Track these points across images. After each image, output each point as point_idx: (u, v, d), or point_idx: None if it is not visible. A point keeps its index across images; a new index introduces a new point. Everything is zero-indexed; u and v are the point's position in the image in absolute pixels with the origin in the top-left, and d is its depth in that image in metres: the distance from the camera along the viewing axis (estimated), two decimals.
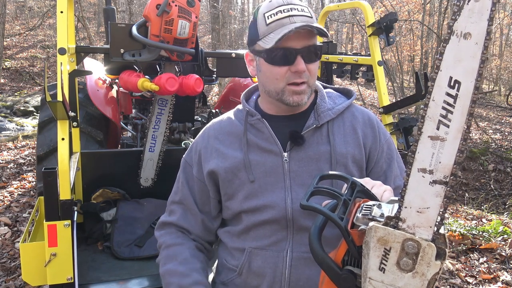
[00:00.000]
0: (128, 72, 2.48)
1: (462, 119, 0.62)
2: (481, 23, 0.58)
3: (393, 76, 13.33)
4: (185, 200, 1.31)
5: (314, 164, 1.18)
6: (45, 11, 18.68)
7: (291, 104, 1.17)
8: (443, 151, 0.64)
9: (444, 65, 0.62)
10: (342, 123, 1.24)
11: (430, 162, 0.66)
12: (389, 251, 0.71)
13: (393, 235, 0.70)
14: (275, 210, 1.16)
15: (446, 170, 0.64)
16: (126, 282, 2.15)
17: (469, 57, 0.59)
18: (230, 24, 18.33)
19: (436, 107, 0.64)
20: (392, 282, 0.72)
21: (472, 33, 0.58)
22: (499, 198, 7.67)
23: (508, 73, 21.73)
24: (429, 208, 0.67)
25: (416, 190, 0.68)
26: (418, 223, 0.68)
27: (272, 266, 1.17)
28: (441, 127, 0.64)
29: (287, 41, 1.11)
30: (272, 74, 1.16)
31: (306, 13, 1.14)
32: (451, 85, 0.62)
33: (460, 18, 0.59)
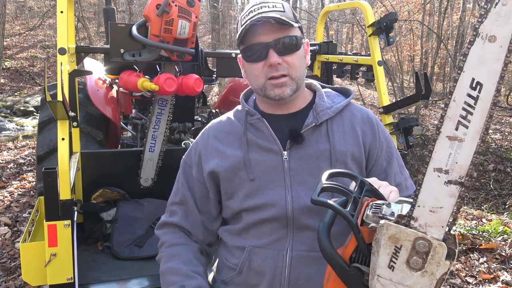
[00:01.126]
0: (128, 72, 2.48)
1: (481, 121, 0.62)
2: (507, 27, 0.58)
3: (393, 76, 13.33)
4: (185, 201, 1.31)
5: (314, 162, 1.18)
6: (45, 11, 18.70)
7: (274, 98, 1.18)
8: (461, 152, 0.65)
9: (468, 66, 0.63)
10: (341, 122, 1.24)
11: (446, 162, 0.66)
12: (399, 249, 0.71)
13: (405, 233, 0.70)
14: (275, 208, 1.17)
15: (462, 171, 0.65)
16: (126, 282, 2.15)
17: (493, 59, 0.60)
18: (230, 24, 18.32)
19: (457, 107, 0.64)
20: (400, 280, 0.72)
21: (497, 36, 0.59)
22: (499, 198, 7.67)
23: (508, 73, 21.72)
24: (442, 208, 0.67)
25: (430, 189, 0.68)
26: (430, 222, 0.69)
27: (272, 265, 1.17)
28: (460, 128, 0.64)
29: (258, 37, 1.14)
30: (252, 72, 1.19)
31: (278, 8, 1.15)
32: (473, 87, 0.62)
33: (486, 21, 0.60)
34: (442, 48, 15.24)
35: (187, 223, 1.31)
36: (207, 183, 1.27)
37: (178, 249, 1.27)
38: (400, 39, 14.32)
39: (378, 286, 0.75)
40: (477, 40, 0.61)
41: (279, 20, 1.11)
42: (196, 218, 1.30)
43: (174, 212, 1.33)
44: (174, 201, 1.34)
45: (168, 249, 1.29)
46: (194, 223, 1.31)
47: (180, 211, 1.32)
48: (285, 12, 1.16)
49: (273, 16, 1.11)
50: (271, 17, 1.11)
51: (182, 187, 1.32)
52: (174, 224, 1.32)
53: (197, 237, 1.32)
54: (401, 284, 0.73)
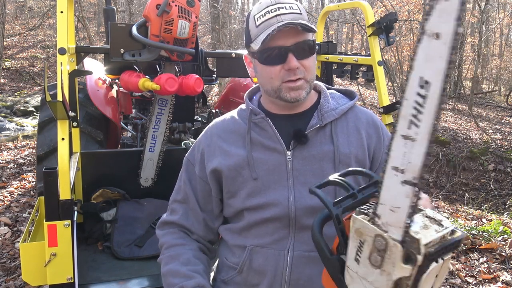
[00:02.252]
0: (129, 73, 2.48)
1: (430, 121, 0.61)
2: (450, 23, 0.57)
3: (393, 76, 13.33)
4: (187, 199, 1.30)
5: (317, 163, 1.18)
6: (45, 11, 18.70)
7: (290, 100, 1.17)
8: (413, 151, 0.63)
9: (416, 64, 0.62)
10: (345, 124, 1.24)
11: (402, 161, 0.65)
12: (363, 244, 0.72)
13: (367, 228, 0.70)
14: (278, 208, 1.17)
15: (415, 171, 0.63)
16: (126, 282, 2.15)
17: (438, 57, 0.59)
18: (230, 24, 18.32)
19: (408, 106, 0.64)
20: (364, 275, 0.73)
21: (441, 33, 0.58)
22: (499, 198, 7.67)
23: (508, 73, 21.73)
24: (399, 208, 0.66)
25: (389, 188, 0.68)
26: (390, 221, 0.68)
27: (273, 264, 1.17)
28: (412, 127, 0.63)
29: (277, 40, 1.12)
30: (267, 74, 1.17)
31: (295, 10, 1.14)
32: (421, 85, 0.61)
33: (431, 18, 0.59)
34: None
35: (187, 221, 1.30)
36: (209, 181, 1.27)
37: (177, 249, 1.27)
38: (400, 39, 14.32)
39: (348, 277, 0.77)
40: (424, 37, 0.60)
41: (306, 26, 1.11)
42: (198, 216, 1.30)
43: (174, 210, 1.33)
44: (175, 199, 1.34)
45: (167, 251, 1.28)
46: (195, 221, 1.30)
47: (181, 209, 1.31)
48: (302, 14, 1.15)
49: (300, 23, 1.10)
50: (299, 24, 1.10)
51: (184, 185, 1.31)
52: (173, 222, 1.32)
53: (198, 234, 1.31)
54: (364, 279, 0.73)
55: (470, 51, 18.27)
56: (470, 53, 18.01)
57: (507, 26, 21.82)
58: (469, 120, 12.18)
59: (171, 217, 1.33)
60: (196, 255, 1.27)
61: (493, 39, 23.24)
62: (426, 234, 0.67)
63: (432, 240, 0.67)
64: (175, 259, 1.24)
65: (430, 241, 0.67)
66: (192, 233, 1.31)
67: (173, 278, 1.20)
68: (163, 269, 1.26)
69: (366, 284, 0.73)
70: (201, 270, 1.23)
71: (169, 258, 1.26)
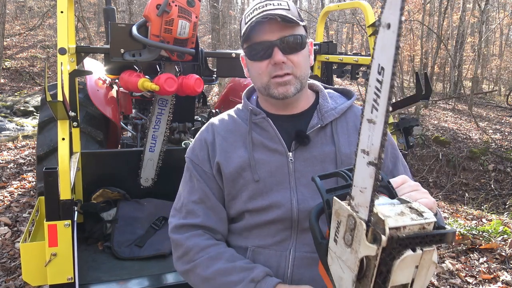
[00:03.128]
0: (129, 72, 2.48)
1: (385, 103, 0.66)
2: (396, 13, 0.63)
3: None
4: (205, 198, 1.23)
5: (319, 164, 1.17)
6: (45, 11, 18.70)
7: (278, 96, 1.16)
8: (374, 134, 0.69)
9: (375, 54, 0.68)
10: (345, 123, 1.23)
11: (367, 143, 0.70)
12: (339, 224, 0.76)
13: (342, 209, 0.76)
14: (281, 210, 1.15)
15: (376, 152, 0.68)
16: (126, 282, 2.15)
17: (389, 45, 0.65)
18: (230, 24, 18.32)
19: (371, 92, 0.69)
20: (340, 254, 0.77)
21: (391, 23, 0.64)
22: (499, 198, 7.67)
23: (508, 73, 21.73)
24: (366, 188, 0.71)
25: (359, 170, 0.73)
26: (360, 202, 0.73)
27: (275, 265, 1.16)
28: (373, 111, 0.69)
29: (262, 35, 1.12)
30: (255, 70, 1.17)
31: (283, 6, 1.13)
32: (379, 72, 0.67)
33: (384, 10, 0.65)
34: (442, 48, 15.24)
35: (210, 220, 1.22)
36: (217, 178, 1.23)
37: (214, 249, 1.17)
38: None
39: (329, 258, 0.81)
40: (380, 29, 0.66)
41: (285, 17, 1.10)
42: (220, 214, 1.24)
43: (192, 212, 1.23)
44: (191, 200, 1.24)
45: (202, 254, 1.17)
46: (218, 220, 1.23)
47: (200, 210, 1.22)
48: (290, 10, 1.14)
49: (279, 13, 1.10)
50: (277, 15, 1.09)
51: (198, 183, 1.24)
52: (196, 225, 1.22)
53: (221, 234, 1.24)
54: (340, 258, 0.77)
55: (470, 51, 18.27)
56: (470, 53, 18.01)
57: (507, 26, 21.82)
58: (469, 120, 12.18)
59: (191, 220, 1.22)
60: (235, 252, 1.19)
61: (493, 39, 23.24)
62: (397, 219, 0.70)
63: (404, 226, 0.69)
64: (218, 258, 1.15)
65: (401, 225, 0.69)
66: (216, 233, 1.23)
67: (230, 276, 1.11)
68: (206, 272, 1.15)
69: (341, 264, 0.77)
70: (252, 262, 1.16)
71: (209, 260, 1.16)
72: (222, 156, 1.22)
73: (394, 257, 0.69)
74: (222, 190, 1.24)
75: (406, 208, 0.75)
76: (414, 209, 0.75)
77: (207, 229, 1.23)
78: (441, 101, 14.94)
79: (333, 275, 0.80)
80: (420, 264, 0.72)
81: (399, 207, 0.74)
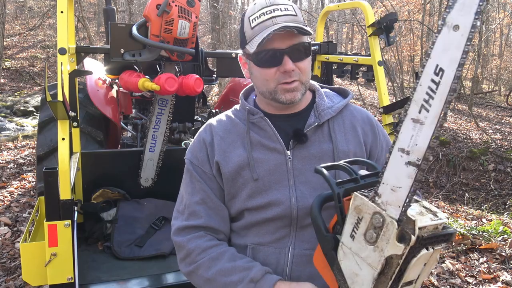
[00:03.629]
0: (129, 72, 2.48)
1: (440, 105, 0.65)
2: (469, 16, 0.62)
3: (393, 76, 13.33)
4: (207, 198, 1.24)
5: (317, 162, 1.17)
6: (45, 11, 18.69)
7: (285, 102, 1.18)
8: (421, 134, 0.68)
9: (434, 53, 0.67)
10: (342, 122, 1.25)
11: (408, 143, 0.69)
12: (360, 220, 0.76)
13: (367, 206, 0.75)
14: (280, 208, 1.16)
15: (420, 153, 0.68)
16: (126, 282, 2.15)
17: (454, 47, 0.64)
18: (230, 24, 18.31)
19: (422, 91, 0.68)
20: (357, 251, 0.76)
21: (460, 25, 0.63)
22: (499, 198, 7.67)
23: (508, 73, 21.73)
24: (401, 187, 0.70)
25: (393, 168, 0.72)
26: (390, 200, 0.72)
27: (274, 263, 1.17)
28: (422, 111, 0.68)
29: (272, 43, 1.12)
30: (262, 76, 1.17)
31: (290, 11, 1.14)
32: (436, 72, 0.66)
33: (452, 11, 0.64)
34: None
35: (213, 220, 1.23)
36: (217, 178, 1.24)
37: (215, 250, 1.18)
38: (400, 39, 14.33)
39: (341, 253, 0.80)
40: (444, 29, 0.65)
41: (301, 29, 1.11)
42: (221, 213, 1.24)
43: (194, 213, 1.23)
44: (193, 201, 1.24)
45: (203, 255, 1.18)
46: (220, 220, 1.24)
47: (203, 211, 1.23)
48: (297, 16, 1.15)
49: (295, 26, 1.10)
50: (294, 27, 1.10)
51: (199, 184, 1.24)
52: (198, 226, 1.22)
53: (224, 233, 1.25)
54: (357, 255, 0.76)
55: (470, 51, 18.26)
56: (470, 53, 18.01)
57: (507, 26, 21.82)
58: (469, 120, 12.18)
59: (193, 221, 1.23)
60: (236, 251, 1.20)
61: (493, 39, 23.24)
62: (421, 219, 0.71)
63: (426, 226, 0.71)
64: (219, 259, 1.16)
65: (424, 225, 0.70)
66: (219, 233, 1.24)
67: (231, 276, 1.12)
68: (208, 273, 1.16)
69: (358, 260, 0.76)
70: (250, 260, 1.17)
71: (210, 261, 1.16)
72: (221, 156, 1.23)
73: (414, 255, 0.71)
74: (222, 190, 1.25)
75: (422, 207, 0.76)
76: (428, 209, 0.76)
77: (210, 229, 1.23)
78: None
79: (345, 271, 0.80)
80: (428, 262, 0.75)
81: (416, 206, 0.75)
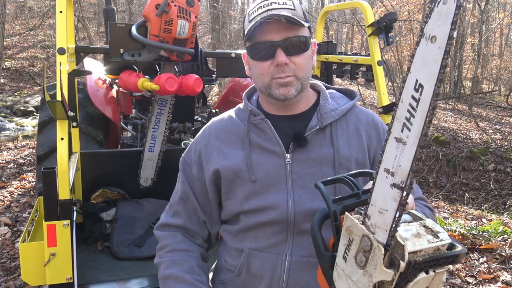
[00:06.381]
0: (128, 72, 2.48)
1: (421, 124, 0.60)
2: (445, 27, 0.56)
3: (393, 76, 13.33)
4: (186, 199, 1.27)
5: (317, 166, 1.15)
6: (45, 11, 18.69)
7: (279, 97, 1.15)
8: (403, 155, 0.63)
9: (413, 67, 0.61)
10: (345, 125, 1.21)
11: (393, 163, 0.64)
12: (351, 242, 0.72)
13: (356, 227, 0.71)
14: (276, 212, 1.14)
15: (403, 175, 0.63)
16: (125, 282, 2.15)
17: (432, 60, 0.58)
18: (230, 24, 18.31)
19: (403, 108, 0.63)
20: (349, 273, 0.73)
21: (437, 37, 0.57)
22: (499, 198, 7.66)
23: (508, 73, 21.72)
24: (387, 210, 0.66)
25: (380, 189, 0.67)
26: (378, 223, 0.68)
27: (271, 269, 1.15)
28: (404, 130, 0.63)
29: (266, 35, 1.10)
30: (257, 70, 1.16)
31: (288, 5, 1.12)
32: (416, 88, 0.61)
33: (430, 21, 0.58)
34: None
35: (191, 222, 1.27)
36: (207, 184, 1.24)
37: (181, 255, 1.23)
38: (400, 39, 14.32)
39: (335, 274, 0.77)
40: (422, 40, 0.59)
41: (290, 19, 1.08)
42: (199, 218, 1.27)
43: (177, 212, 1.29)
44: (175, 200, 1.30)
45: (169, 254, 1.24)
46: (198, 223, 1.28)
47: (183, 212, 1.27)
48: (296, 10, 1.13)
49: (284, 14, 1.08)
50: (282, 15, 1.07)
51: (183, 185, 1.28)
52: (177, 226, 1.27)
53: (201, 237, 1.29)
54: (349, 278, 0.73)
55: (470, 51, 18.26)
56: (470, 53, 18.00)
57: (507, 26, 21.82)
58: (469, 120, 12.18)
59: (174, 220, 1.28)
60: (199, 264, 1.24)
61: (493, 39, 23.23)
62: (415, 242, 0.66)
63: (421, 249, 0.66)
64: (178, 264, 1.21)
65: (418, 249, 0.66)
66: (196, 238, 1.28)
67: (177, 284, 1.18)
68: (164, 272, 1.22)
69: (350, 283, 0.73)
70: (205, 282, 1.21)
71: (171, 262, 1.22)
72: (218, 157, 1.22)
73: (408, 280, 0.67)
74: (208, 195, 1.26)
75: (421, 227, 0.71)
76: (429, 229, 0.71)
77: (188, 231, 1.28)
78: (441, 101, 14.94)
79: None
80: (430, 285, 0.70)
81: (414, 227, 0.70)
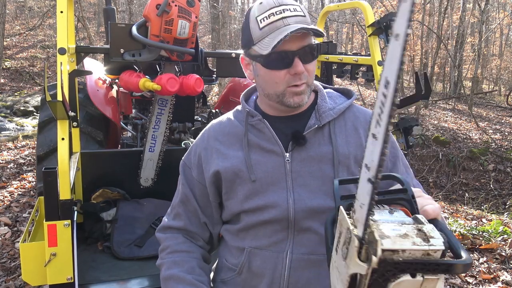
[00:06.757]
0: (129, 73, 2.48)
1: (387, 120, 0.62)
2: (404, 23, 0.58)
3: None
4: (187, 201, 1.29)
5: (316, 165, 1.16)
6: (45, 11, 18.70)
7: (292, 105, 1.16)
8: (375, 150, 0.64)
9: (385, 65, 0.63)
10: (343, 123, 1.22)
11: (370, 158, 0.66)
12: (340, 235, 0.74)
13: (344, 220, 0.73)
14: (277, 210, 1.15)
15: (374, 170, 0.64)
16: (126, 282, 2.15)
17: (395, 57, 0.60)
18: (230, 24, 18.32)
19: (377, 106, 0.65)
20: (338, 264, 0.75)
21: (399, 34, 0.59)
22: (499, 198, 7.67)
23: (508, 73, 21.73)
24: (364, 204, 0.67)
25: (362, 184, 0.69)
26: (358, 217, 0.69)
27: (272, 267, 1.16)
28: (377, 126, 0.64)
29: (283, 44, 1.10)
30: (271, 78, 1.15)
31: (299, 12, 1.12)
32: (385, 85, 0.62)
33: (397, 19, 0.60)
34: (442, 48, 15.24)
35: (191, 224, 1.29)
36: (208, 186, 1.26)
37: (181, 256, 1.25)
38: None
39: (331, 265, 0.79)
40: (392, 39, 0.61)
41: (316, 31, 1.10)
42: (199, 218, 1.29)
43: (178, 215, 1.31)
44: (176, 202, 1.32)
45: (170, 256, 1.27)
46: (198, 223, 1.29)
47: (184, 214, 1.30)
48: (306, 16, 1.13)
49: (310, 28, 1.09)
50: (311, 29, 1.08)
51: (183, 187, 1.30)
52: (178, 228, 1.30)
53: (202, 238, 1.30)
54: (337, 269, 0.75)
55: (470, 51, 18.27)
56: (470, 53, 18.02)
57: (507, 26, 21.83)
58: (469, 120, 12.19)
59: (175, 222, 1.31)
60: (200, 264, 1.26)
61: (493, 39, 23.24)
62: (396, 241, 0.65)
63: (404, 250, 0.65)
64: (179, 265, 1.23)
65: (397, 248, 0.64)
66: (197, 239, 1.30)
67: (177, 284, 1.19)
68: (165, 273, 1.24)
69: (337, 274, 0.75)
70: (206, 282, 1.22)
71: (172, 263, 1.24)
72: (218, 158, 1.23)
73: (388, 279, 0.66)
74: (209, 197, 1.28)
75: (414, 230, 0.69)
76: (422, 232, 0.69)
77: (189, 233, 1.30)
78: (441, 101, 14.95)
79: (331, 284, 0.79)
80: None
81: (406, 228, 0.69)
